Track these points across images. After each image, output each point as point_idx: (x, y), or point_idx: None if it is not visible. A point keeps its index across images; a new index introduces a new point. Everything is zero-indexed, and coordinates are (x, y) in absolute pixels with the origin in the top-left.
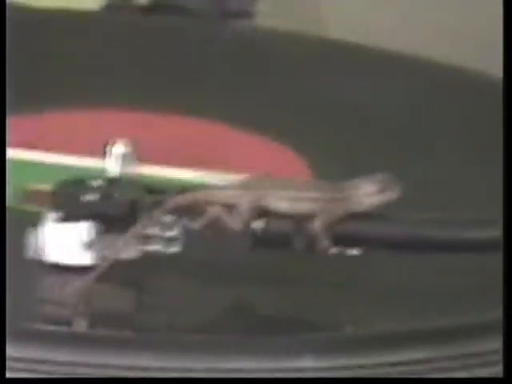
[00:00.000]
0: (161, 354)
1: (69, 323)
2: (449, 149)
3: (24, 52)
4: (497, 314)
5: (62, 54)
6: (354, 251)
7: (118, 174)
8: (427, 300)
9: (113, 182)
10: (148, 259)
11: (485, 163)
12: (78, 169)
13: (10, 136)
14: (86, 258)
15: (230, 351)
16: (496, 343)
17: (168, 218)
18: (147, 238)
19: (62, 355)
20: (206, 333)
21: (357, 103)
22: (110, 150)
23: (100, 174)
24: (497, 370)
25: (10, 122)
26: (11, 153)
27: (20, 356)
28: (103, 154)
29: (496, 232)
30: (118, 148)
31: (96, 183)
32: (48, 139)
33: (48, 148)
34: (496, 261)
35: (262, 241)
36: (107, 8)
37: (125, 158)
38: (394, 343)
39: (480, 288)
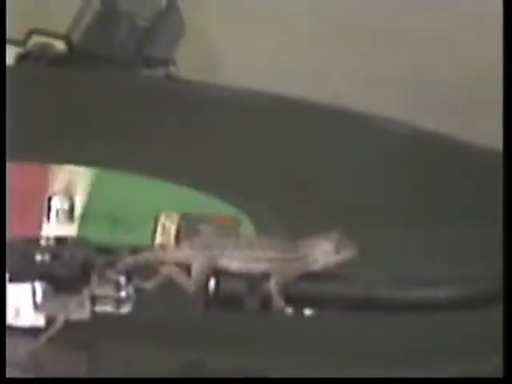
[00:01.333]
0: None
1: None
2: (396, 211)
3: None
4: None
5: None
6: (308, 311)
7: (64, 233)
8: (379, 360)
9: (61, 242)
10: (99, 320)
11: (433, 223)
12: None
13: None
14: (37, 319)
15: None
16: None
17: (120, 278)
18: (99, 299)
19: None
20: None
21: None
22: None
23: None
24: None
25: None
26: None
27: None
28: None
29: (450, 291)
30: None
31: (45, 242)
32: None
33: None
34: (450, 320)
35: (214, 301)
36: (20, 61)
37: (64, 213)
38: None
39: (433, 348)
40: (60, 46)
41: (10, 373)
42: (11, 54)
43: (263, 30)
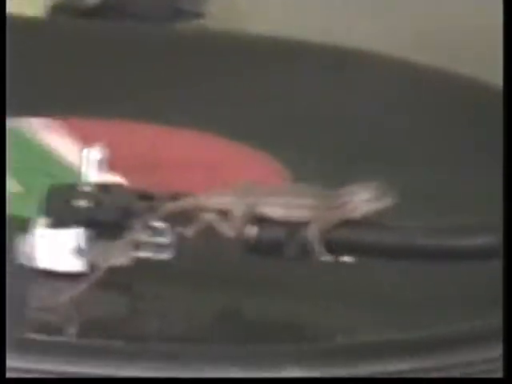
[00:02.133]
0: (150, 363)
1: (60, 331)
2: (433, 158)
3: None
4: (487, 323)
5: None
6: (348, 259)
7: (104, 180)
8: (419, 309)
9: (103, 188)
10: (140, 266)
11: (473, 172)
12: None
13: None
14: (77, 265)
15: (218, 361)
16: (487, 353)
17: (160, 225)
18: (139, 245)
19: (52, 365)
20: (195, 341)
21: (331, 106)
22: (87, 156)
23: (83, 179)
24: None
25: None
26: None
27: (9, 366)
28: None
29: (488, 239)
30: (94, 154)
31: (86, 189)
32: None
33: None
34: (489, 269)
35: (255, 248)
36: (54, 12)
37: (101, 163)
38: (384, 353)
39: (470, 297)
40: None
41: (49, 321)
42: (47, 4)
43: None
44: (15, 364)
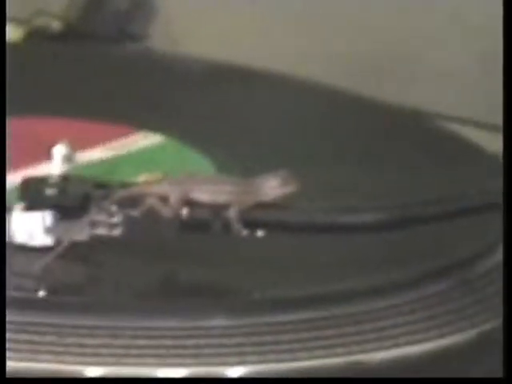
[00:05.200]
0: (104, 315)
1: (34, 291)
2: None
3: None
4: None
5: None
6: (261, 233)
7: (66, 173)
8: (314, 270)
9: (66, 179)
10: (96, 241)
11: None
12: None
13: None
14: (47, 241)
15: (155, 312)
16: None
17: (112, 208)
18: (96, 224)
19: (28, 317)
20: (140, 299)
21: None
22: (54, 152)
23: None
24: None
25: None
26: None
27: None
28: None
29: (367, 217)
30: (60, 149)
31: (53, 180)
32: None
33: None
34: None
35: (187, 225)
36: (28, 37)
37: (65, 158)
38: (292, 305)
39: (354, 261)
40: (58, 25)
41: (26, 283)
42: (20, 31)
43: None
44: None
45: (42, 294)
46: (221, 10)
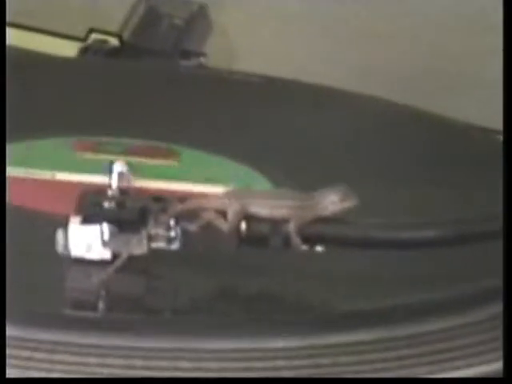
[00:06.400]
0: (163, 335)
1: (93, 308)
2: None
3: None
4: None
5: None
6: (320, 249)
7: (125, 187)
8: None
9: (124, 192)
10: (154, 255)
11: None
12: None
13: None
14: (105, 254)
15: (213, 331)
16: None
17: (170, 222)
18: (154, 237)
19: (84, 339)
20: (200, 313)
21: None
22: (112, 168)
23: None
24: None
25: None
26: None
27: (50, 339)
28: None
29: (430, 233)
30: (118, 166)
31: (111, 193)
32: None
33: None
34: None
35: (245, 240)
36: (84, 52)
37: (122, 174)
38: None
39: (415, 278)
40: (114, 41)
41: (83, 297)
42: (74, 49)
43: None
44: (60, 338)
45: (101, 310)
46: (278, 25)
